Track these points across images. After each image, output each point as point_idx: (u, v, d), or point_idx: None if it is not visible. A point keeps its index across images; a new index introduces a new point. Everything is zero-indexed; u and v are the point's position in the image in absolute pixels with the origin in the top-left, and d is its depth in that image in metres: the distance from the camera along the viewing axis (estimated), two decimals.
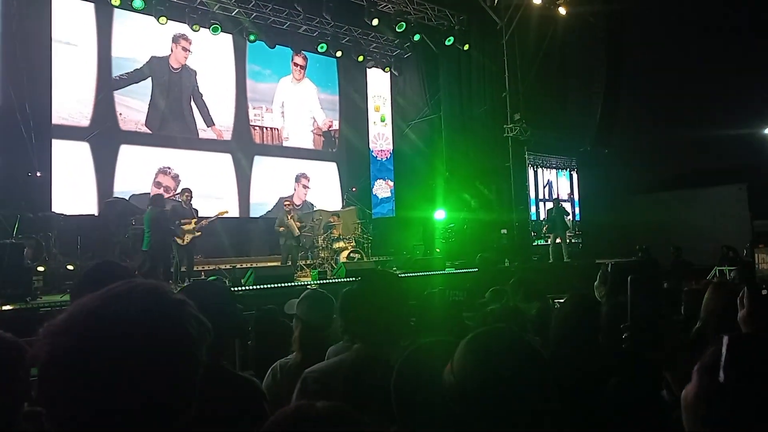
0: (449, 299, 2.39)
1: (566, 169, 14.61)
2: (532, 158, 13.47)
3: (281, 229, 9.51)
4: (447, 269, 10.04)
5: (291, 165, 13.54)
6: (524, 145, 13.02)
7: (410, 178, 14.60)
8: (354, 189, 13.98)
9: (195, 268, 8.51)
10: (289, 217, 9.62)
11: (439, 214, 13.10)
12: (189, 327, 0.81)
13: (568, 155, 14.62)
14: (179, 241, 8.08)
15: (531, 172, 13.42)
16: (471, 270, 9.30)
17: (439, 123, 14.31)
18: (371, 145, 14.54)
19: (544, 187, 13.90)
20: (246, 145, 12.70)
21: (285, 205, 9.77)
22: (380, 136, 14.77)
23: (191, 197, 8.37)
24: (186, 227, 8.17)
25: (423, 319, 2.14)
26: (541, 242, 13.10)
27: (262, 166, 12.94)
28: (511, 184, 12.75)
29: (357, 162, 14.57)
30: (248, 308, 5.36)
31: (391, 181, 14.71)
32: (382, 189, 14.65)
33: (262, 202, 12.51)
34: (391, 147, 14.90)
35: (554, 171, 14.26)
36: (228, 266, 9.41)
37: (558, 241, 11.22)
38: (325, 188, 14.10)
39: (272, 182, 12.95)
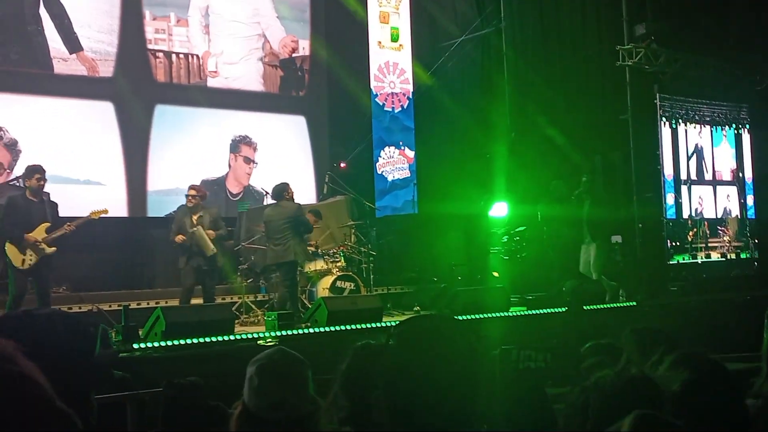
0: (520, 366, 2.41)
1: (729, 126, 14.59)
2: (669, 106, 13.47)
3: (178, 239, 9.58)
4: (513, 310, 10.09)
5: (223, 122, 13.63)
6: (654, 83, 13.03)
7: (445, 144, 14.58)
8: (343, 165, 13.98)
9: (58, 309, 8.56)
10: (193, 219, 9.68)
11: (499, 210, 13.09)
12: None
13: (733, 100, 14.57)
14: (16, 263, 8.26)
15: (666, 130, 13.42)
16: (557, 311, 9.42)
17: (499, 44, 14.31)
18: (374, 86, 14.55)
19: (689, 158, 13.89)
20: (141, 85, 12.80)
21: (188, 197, 9.82)
22: (391, 69, 14.78)
23: (43, 182, 8.51)
24: (32, 237, 8.31)
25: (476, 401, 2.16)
26: (686, 258, 13.10)
27: (169, 123, 13.04)
28: (631, 154, 12.74)
29: (347, 115, 14.60)
30: (151, 381, 5.41)
31: (410, 149, 14.73)
32: (395, 165, 14.66)
33: (170, 190, 12.59)
34: (410, 88, 14.92)
35: (708, 129, 14.25)
36: (115, 305, 9.43)
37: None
38: (286, 163, 14.15)
39: (189, 153, 13.05)
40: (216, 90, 13.65)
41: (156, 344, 7.30)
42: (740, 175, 14.64)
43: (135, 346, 7.15)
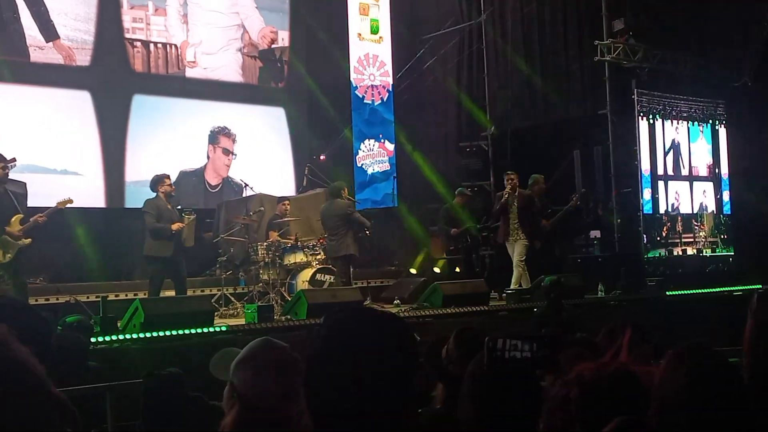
0: (506, 356, 2.42)
1: (706, 122, 14.69)
2: (646, 101, 13.54)
3: (176, 227, 9.39)
4: (493, 304, 10.16)
5: (202, 112, 13.57)
6: (632, 78, 13.10)
7: (425, 136, 14.62)
8: (323, 157, 13.95)
9: (33, 301, 8.57)
10: (170, 207, 9.61)
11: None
12: None
13: (710, 96, 14.68)
14: None
15: (644, 125, 13.49)
16: (536, 305, 9.48)
17: (479, 35, 14.34)
18: (354, 78, 14.53)
19: (666, 154, 13.99)
20: (118, 75, 12.72)
21: (172, 186, 9.78)
22: (370, 62, 14.76)
23: (8, 170, 8.51)
24: (10, 230, 8.25)
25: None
26: (660, 253, 13.20)
27: (147, 113, 12.97)
28: (609, 148, 12.81)
29: (327, 108, 14.58)
30: (130, 373, 5.40)
31: (390, 142, 14.74)
32: (375, 157, 14.66)
33: (148, 181, 12.28)
34: (390, 80, 14.91)
35: (685, 125, 14.34)
36: (93, 297, 9.38)
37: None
38: (266, 155, 14.10)
39: (167, 144, 12.99)
40: (194, 80, 13.61)
41: (135, 336, 7.26)
42: (716, 170, 14.75)
43: (114, 337, 7.11)
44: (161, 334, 7.31)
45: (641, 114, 13.31)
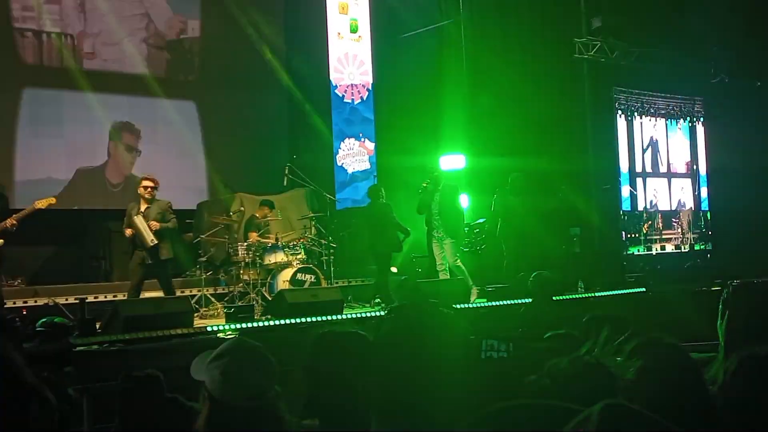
0: (482, 356, 2.41)
1: (684, 119, 14.82)
2: (625, 99, 13.64)
3: (127, 233, 9.16)
4: (475, 301, 10.15)
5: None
6: (610, 75, 13.18)
7: (405, 135, 14.62)
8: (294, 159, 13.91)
9: (11, 303, 8.61)
10: (137, 210, 9.25)
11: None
12: None
13: (688, 93, 14.81)
14: None
15: (622, 123, 13.59)
16: (520, 302, 9.49)
17: (458, 35, 14.36)
18: (333, 77, 14.50)
19: (645, 151, 14.09)
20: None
21: (148, 189, 9.34)
22: (350, 60, 14.75)
23: None
24: None
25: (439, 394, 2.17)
26: (641, 250, 13.32)
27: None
28: (588, 146, 12.89)
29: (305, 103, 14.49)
30: (108, 375, 5.36)
31: (371, 141, 14.73)
32: (355, 156, 14.66)
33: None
34: (370, 80, 14.91)
35: (662, 122, 14.45)
36: (71, 299, 9.34)
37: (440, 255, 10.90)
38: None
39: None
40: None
41: (114, 337, 7.21)
42: (694, 167, 14.89)
43: (92, 339, 7.07)
44: (140, 335, 7.27)
45: (619, 111, 13.41)
